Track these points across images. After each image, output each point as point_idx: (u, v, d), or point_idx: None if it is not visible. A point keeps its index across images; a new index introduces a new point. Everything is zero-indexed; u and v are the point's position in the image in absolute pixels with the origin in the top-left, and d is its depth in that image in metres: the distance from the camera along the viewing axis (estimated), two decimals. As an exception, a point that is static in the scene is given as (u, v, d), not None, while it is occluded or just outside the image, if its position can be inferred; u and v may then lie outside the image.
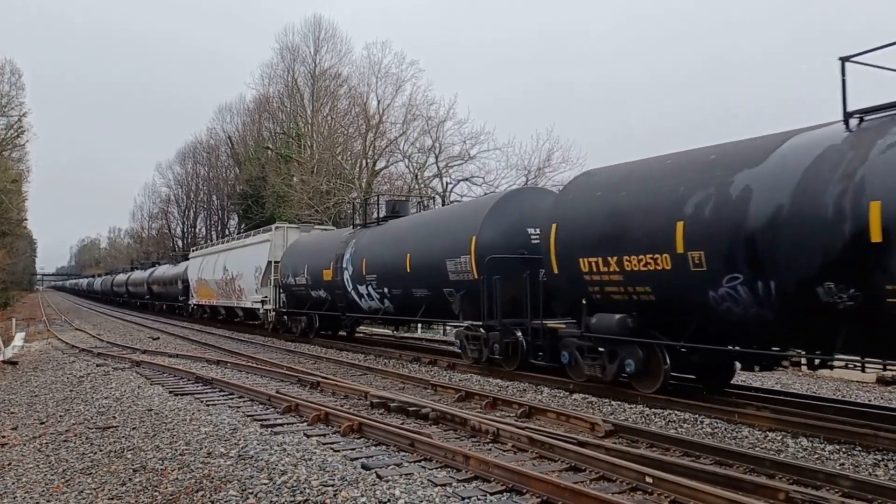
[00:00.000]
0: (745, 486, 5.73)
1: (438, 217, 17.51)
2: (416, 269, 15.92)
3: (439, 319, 18.27)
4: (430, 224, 16.76)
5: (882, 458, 7.08)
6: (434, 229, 15.98)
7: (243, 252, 27.95)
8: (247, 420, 9.09)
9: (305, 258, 21.95)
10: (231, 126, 63.81)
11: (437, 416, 8.88)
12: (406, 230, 17.39)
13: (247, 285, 26.77)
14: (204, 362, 16.40)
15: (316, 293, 21.31)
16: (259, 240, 26.70)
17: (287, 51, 49.63)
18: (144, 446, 8.33)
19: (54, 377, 15.69)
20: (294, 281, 22.38)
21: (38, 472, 8.07)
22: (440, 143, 36.72)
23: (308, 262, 21.59)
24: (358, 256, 18.55)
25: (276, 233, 25.26)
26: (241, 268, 27.54)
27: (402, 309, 17.40)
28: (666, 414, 9.29)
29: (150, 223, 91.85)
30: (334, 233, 23.52)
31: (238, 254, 28.61)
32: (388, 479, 6.19)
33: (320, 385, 11.93)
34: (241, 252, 28.20)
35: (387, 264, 17.21)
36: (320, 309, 21.28)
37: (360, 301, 18.90)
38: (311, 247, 22.59)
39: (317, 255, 21.31)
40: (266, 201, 45.08)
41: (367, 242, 18.67)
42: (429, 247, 15.56)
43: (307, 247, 22.85)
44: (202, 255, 34.78)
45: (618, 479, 6.09)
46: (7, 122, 45.42)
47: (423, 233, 16.38)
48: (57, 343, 25.17)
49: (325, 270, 20.31)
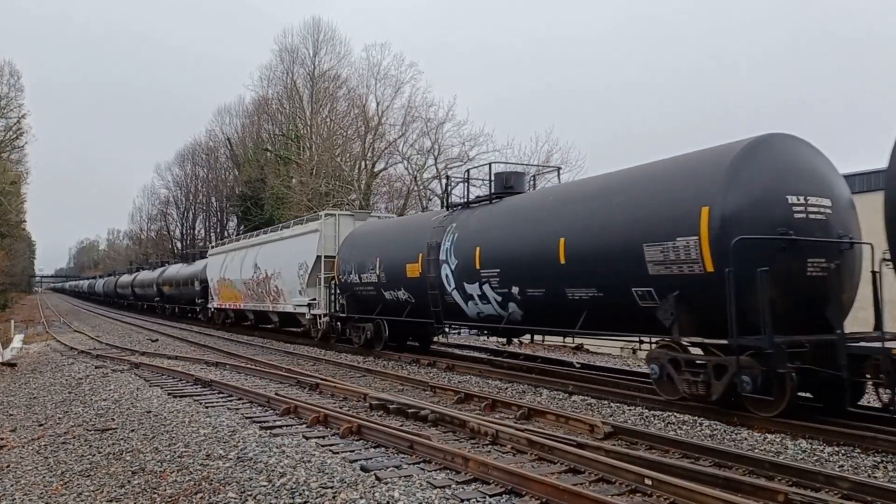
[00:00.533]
0: (745, 488, 5.73)
1: (627, 182, 11.09)
2: (576, 259, 11.18)
3: (615, 333, 12.26)
4: (608, 194, 11.15)
5: (881, 459, 7.08)
6: (618, 202, 10.76)
7: (282, 246, 23.56)
8: (246, 422, 9.08)
9: (375, 250, 17.71)
10: (230, 128, 63.96)
11: (436, 418, 8.88)
12: (552, 206, 12.32)
13: (287, 285, 22.66)
14: (203, 364, 16.38)
15: (392, 294, 17.07)
16: (304, 230, 22.16)
17: (286, 52, 49.74)
18: (143, 448, 8.32)
19: (53, 379, 15.68)
20: (358, 279, 18.23)
21: (37, 475, 8.06)
22: (439, 145, 36.85)
23: (380, 255, 17.33)
24: (465, 245, 14.12)
25: (327, 221, 20.88)
26: (278, 265, 23.39)
27: (541, 316, 12.57)
28: (665, 416, 9.28)
29: (149, 225, 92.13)
30: (417, 217, 20.17)
31: (275, 248, 24.32)
32: (387, 481, 6.19)
33: (319, 387, 11.92)
34: (280, 246, 23.80)
35: (518, 254, 12.62)
36: (398, 315, 17.00)
37: (464, 305, 14.42)
38: (383, 236, 18.30)
39: (394, 246, 17.04)
40: (265, 203, 45.10)
41: (479, 226, 14.11)
42: (606, 226, 10.72)
43: (376, 236, 18.65)
44: (225, 252, 30.45)
45: (617, 481, 6.08)
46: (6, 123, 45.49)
47: (591, 207, 11.29)
48: (56, 345, 25.15)
49: (410, 265, 15.98)
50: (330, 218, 21.12)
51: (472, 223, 14.44)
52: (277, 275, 23.36)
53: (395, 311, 17.18)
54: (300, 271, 21.50)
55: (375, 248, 17.81)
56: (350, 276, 18.62)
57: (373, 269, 17.53)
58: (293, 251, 22.27)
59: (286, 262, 22.66)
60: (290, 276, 22.20)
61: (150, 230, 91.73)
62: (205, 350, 20.83)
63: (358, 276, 18.25)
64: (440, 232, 15.14)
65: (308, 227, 22.12)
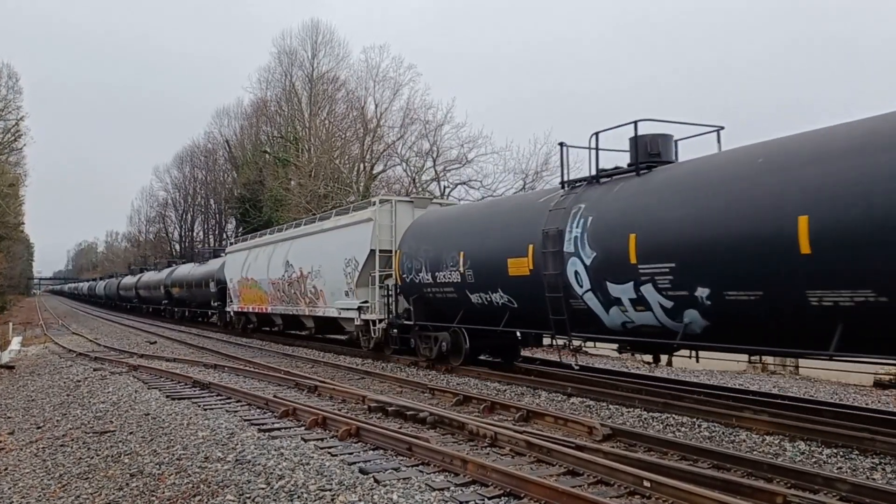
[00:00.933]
0: (743, 489, 5.73)
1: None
2: (833, 246, 7.54)
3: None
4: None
5: (879, 461, 7.08)
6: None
7: (324, 240, 20.31)
8: (244, 424, 9.07)
9: (456, 243, 14.26)
10: (229, 130, 63.97)
11: (434, 421, 8.88)
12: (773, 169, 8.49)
13: (329, 286, 19.53)
14: (201, 366, 16.37)
15: (482, 298, 13.49)
16: (354, 220, 18.78)
17: (285, 55, 49.73)
18: (141, 451, 8.31)
19: (51, 381, 15.66)
20: (430, 279, 14.89)
21: (35, 477, 8.05)
22: (438, 147, 36.83)
23: (465, 248, 13.82)
24: (608, 232, 10.55)
25: (382, 209, 17.50)
26: (317, 262, 20.22)
27: (747, 328, 9.03)
28: (664, 418, 9.29)
29: (148, 227, 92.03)
30: (519, 199, 15.85)
31: (313, 243, 21.08)
32: (385, 483, 6.19)
33: (318, 389, 11.91)
34: (320, 240, 20.58)
35: (710, 242, 8.93)
36: (491, 323, 13.40)
37: (603, 312, 10.78)
38: (468, 224, 14.67)
39: (487, 237, 13.44)
40: (264, 205, 45.06)
41: (629, 205, 10.48)
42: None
43: (457, 225, 15.07)
44: (247, 248, 27.26)
45: (616, 483, 6.08)
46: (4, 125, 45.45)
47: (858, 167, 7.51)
48: (54, 347, 25.12)
49: (514, 260, 12.35)
50: (386, 204, 17.72)
51: (616, 202, 10.75)
52: (316, 273, 20.24)
53: (485, 319, 13.71)
54: (347, 269, 18.31)
55: (457, 240, 14.27)
56: (418, 274, 15.26)
57: (453, 267, 14.10)
58: (338, 245, 19.05)
59: (329, 259, 19.45)
60: (334, 274, 19.03)
61: (148, 232, 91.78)
62: (203, 352, 20.81)
63: (430, 275, 14.88)
64: (561, 216, 11.38)
65: (358, 215, 18.67)
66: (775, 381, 13.86)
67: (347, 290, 18.38)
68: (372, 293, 17.31)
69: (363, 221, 18.03)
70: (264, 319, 26.21)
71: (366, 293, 17.62)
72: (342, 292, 18.72)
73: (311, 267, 20.62)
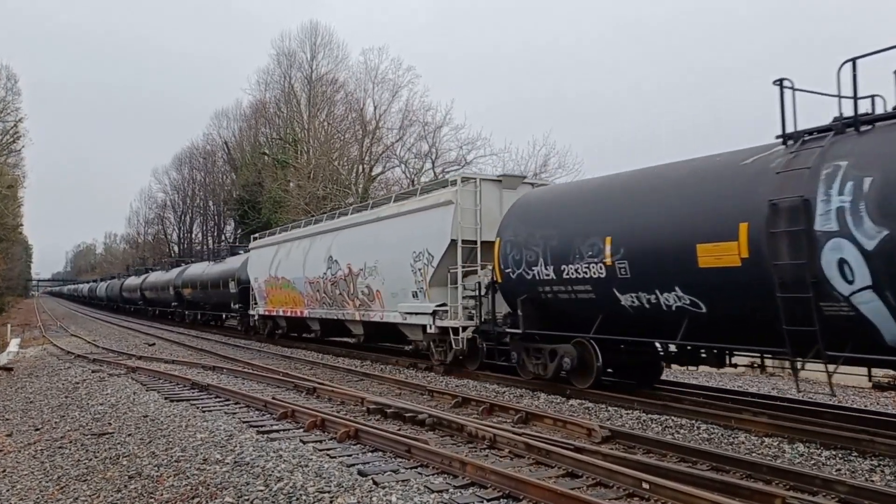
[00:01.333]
0: (742, 491, 5.73)
1: None
2: None
3: None
4: None
5: (878, 463, 7.08)
6: None
7: (383, 229, 17.08)
8: (243, 426, 9.07)
9: (597, 223, 10.93)
10: (227, 131, 64.01)
11: (433, 422, 8.87)
12: None
13: (389, 285, 16.49)
14: (200, 368, 16.36)
15: (639, 299, 10.16)
16: (427, 203, 15.37)
17: (284, 56, 49.86)
18: (140, 453, 8.30)
19: (49, 383, 15.64)
20: (550, 273, 11.50)
21: (33, 479, 8.04)
22: (437, 149, 36.89)
23: (614, 230, 10.51)
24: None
25: (465, 189, 14.31)
26: (373, 256, 17.11)
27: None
28: (662, 419, 9.28)
29: (146, 229, 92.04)
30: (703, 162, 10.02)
31: (367, 233, 17.81)
32: (384, 485, 6.18)
33: (317, 391, 11.90)
34: (378, 229, 17.33)
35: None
36: (650, 333, 10.43)
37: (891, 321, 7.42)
38: (616, 198, 11.02)
39: (655, 212, 10.01)
40: (262, 207, 45.06)
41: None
42: None
43: (598, 200, 11.45)
44: (276, 244, 23.98)
45: (614, 485, 6.08)
46: (3, 127, 45.47)
47: None
48: (52, 349, 25.10)
49: (713, 245, 8.93)
50: (469, 184, 14.50)
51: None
52: (371, 270, 17.18)
53: (638, 328, 10.52)
54: (417, 264, 15.27)
55: (599, 221, 10.89)
56: (531, 269, 11.86)
57: (593, 257, 10.69)
58: (403, 236, 15.96)
59: (389, 252, 16.43)
60: (397, 271, 16.06)
61: (147, 234, 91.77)
62: (202, 354, 20.79)
63: (552, 270, 11.46)
64: (804, 180, 8.03)
65: (433, 197, 15.32)
66: (774, 383, 13.87)
67: (416, 291, 15.36)
68: (452, 294, 14.23)
69: (440, 205, 14.69)
70: (297, 324, 22.91)
71: (442, 294, 14.49)
72: (408, 293, 15.69)
73: (363, 263, 17.52)
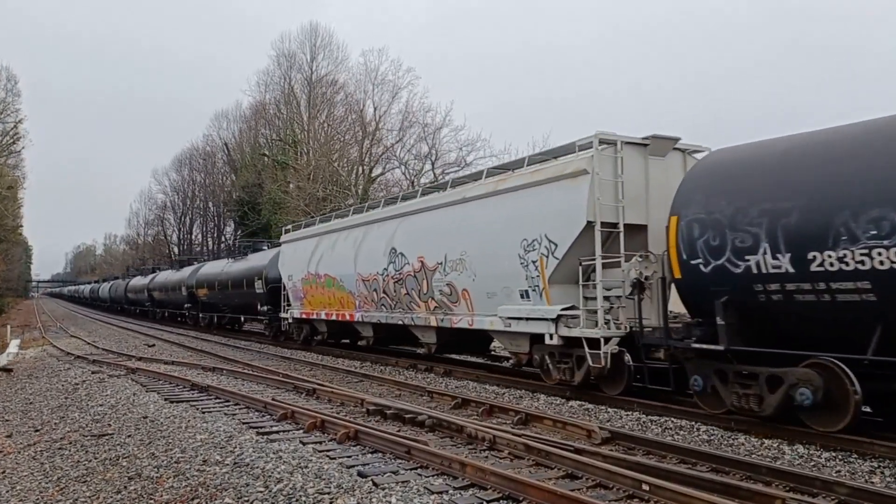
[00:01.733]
0: (742, 493, 5.73)
1: None
2: None
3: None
4: None
5: (878, 464, 7.09)
6: None
7: (475, 211, 13.49)
8: (242, 427, 9.06)
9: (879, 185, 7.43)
10: (227, 133, 64.12)
11: (433, 424, 8.87)
12: None
13: (483, 282, 13.16)
14: (199, 369, 16.35)
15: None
16: (549, 175, 11.82)
17: (284, 58, 49.93)
18: (140, 454, 8.30)
19: (49, 384, 15.64)
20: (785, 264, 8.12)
21: (33, 480, 8.04)
22: (436, 150, 36.94)
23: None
24: None
25: (602, 155, 10.96)
26: (457, 246, 13.75)
27: None
28: (662, 421, 9.28)
29: (146, 230, 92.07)
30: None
31: (448, 218, 14.27)
32: (384, 486, 6.18)
33: (316, 392, 11.90)
34: (467, 213, 13.72)
35: None
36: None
37: None
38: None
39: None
40: (262, 208, 45.09)
41: None
42: None
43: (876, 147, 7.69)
44: (317, 235, 20.54)
45: (614, 487, 6.08)
46: (3, 128, 45.48)
47: None
48: (52, 350, 25.08)
49: None
50: (608, 148, 11.00)
51: None
52: (455, 264, 13.83)
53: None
54: (529, 255, 11.91)
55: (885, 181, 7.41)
56: (743, 259, 8.55)
57: (879, 239, 7.31)
58: (510, 218, 12.45)
59: (485, 241, 13.04)
60: (496, 264, 12.75)
61: (146, 235, 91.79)
62: (202, 355, 20.79)
63: (786, 260, 8.10)
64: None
65: (557, 167, 11.72)
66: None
67: (527, 290, 12.02)
68: (584, 294, 10.98)
69: (568, 176, 11.28)
70: (342, 330, 19.99)
71: (567, 294, 11.33)
72: (512, 292, 12.36)
73: (441, 255, 14.26)
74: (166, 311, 42.43)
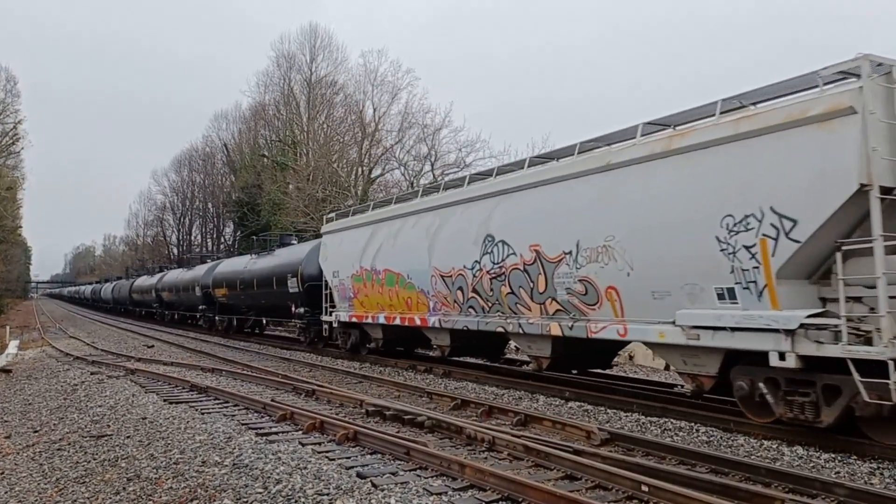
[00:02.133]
0: (741, 494, 5.73)
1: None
2: None
3: None
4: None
5: (878, 466, 7.08)
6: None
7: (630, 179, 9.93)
8: (242, 428, 9.06)
9: None
10: (227, 133, 64.13)
11: (432, 425, 8.87)
12: None
13: (643, 278, 9.69)
14: (199, 370, 16.34)
15: None
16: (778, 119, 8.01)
17: (283, 59, 49.89)
18: (139, 455, 8.30)
19: (48, 385, 15.62)
20: None
21: (32, 481, 8.03)
22: (436, 151, 36.95)
23: None
24: None
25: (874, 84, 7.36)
26: (600, 230, 10.35)
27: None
28: (662, 422, 9.28)
29: (146, 231, 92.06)
30: None
31: (581, 192, 10.81)
32: (383, 487, 6.18)
33: (316, 393, 11.90)
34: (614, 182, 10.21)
35: None
36: None
37: None
38: None
39: None
40: (262, 209, 45.06)
41: None
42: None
43: None
44: (373, 222, 17.21)
45: (614, 488, 6.08)
46: (2, 129, 45.44)
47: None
48: (51, 351, 25.06)
49: None
50: (881, 76, 7.55)
51: None
52: (596, 253, 10.44)
53: None
54: (739, 237, 8.39)
55: None
56: None
57: None
58: (699, 185, 8.91)
59: (653, 219, 9.51)
60: (674, 251, 9.21)
61: (146, 236, 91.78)
62: (201, 356, 20.77)
63: None
64: None
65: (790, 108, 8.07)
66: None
67: (733, 287, 8.53)
68: (826, 296, 7.92)
69: (816, 119, 7.71)
70: (402, 336, 17.04)
71: (805, 294, 8.06)
72: (703, 291, 8.90)
73: (572, 242, 10.89)
74: (176, 314, 38.91)
